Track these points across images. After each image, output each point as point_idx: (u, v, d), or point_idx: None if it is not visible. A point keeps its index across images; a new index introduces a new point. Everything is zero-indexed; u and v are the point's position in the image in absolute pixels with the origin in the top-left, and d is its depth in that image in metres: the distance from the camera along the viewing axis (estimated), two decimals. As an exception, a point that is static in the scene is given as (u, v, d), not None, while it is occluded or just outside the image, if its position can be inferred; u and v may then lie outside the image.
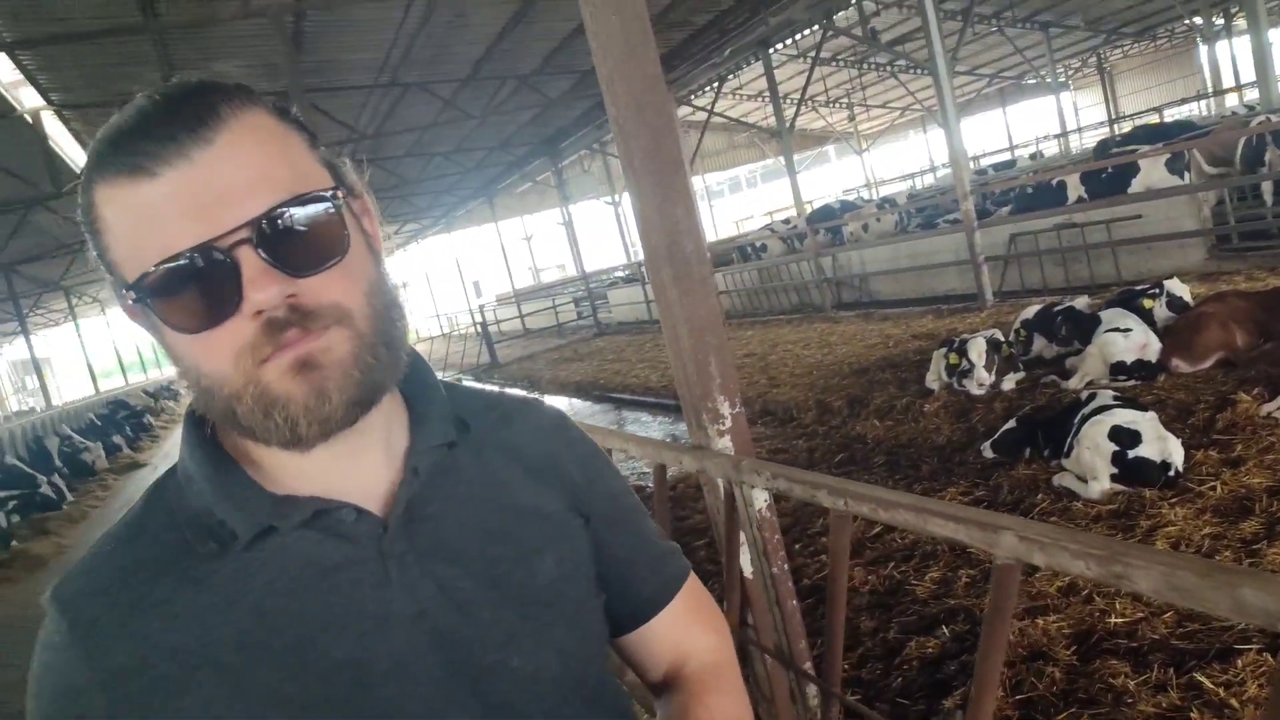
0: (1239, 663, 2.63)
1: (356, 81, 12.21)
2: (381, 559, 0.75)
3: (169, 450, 17.27)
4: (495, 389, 0.94)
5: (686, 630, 0.96)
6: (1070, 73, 32.49)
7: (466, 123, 15.69)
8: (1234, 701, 2.48)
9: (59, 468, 12.86)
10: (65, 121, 12.79)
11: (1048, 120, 29.25)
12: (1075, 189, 10.65)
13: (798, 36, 18.10)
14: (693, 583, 0.99)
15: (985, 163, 23.51)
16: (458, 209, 30.48)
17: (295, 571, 0.73)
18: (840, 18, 17.41)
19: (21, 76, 10.71)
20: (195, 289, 0.66)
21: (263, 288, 0.66)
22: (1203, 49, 23.88)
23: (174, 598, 0.71)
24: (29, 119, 11.60)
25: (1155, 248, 9.24)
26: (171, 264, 0.65)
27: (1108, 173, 10.26)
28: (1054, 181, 11.17)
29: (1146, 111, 24.97)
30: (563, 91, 15.28)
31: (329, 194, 0.71)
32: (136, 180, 0.65)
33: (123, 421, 19.15)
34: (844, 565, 1.54)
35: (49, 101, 11.63)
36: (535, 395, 0.89)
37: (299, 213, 0.68)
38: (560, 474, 0.89)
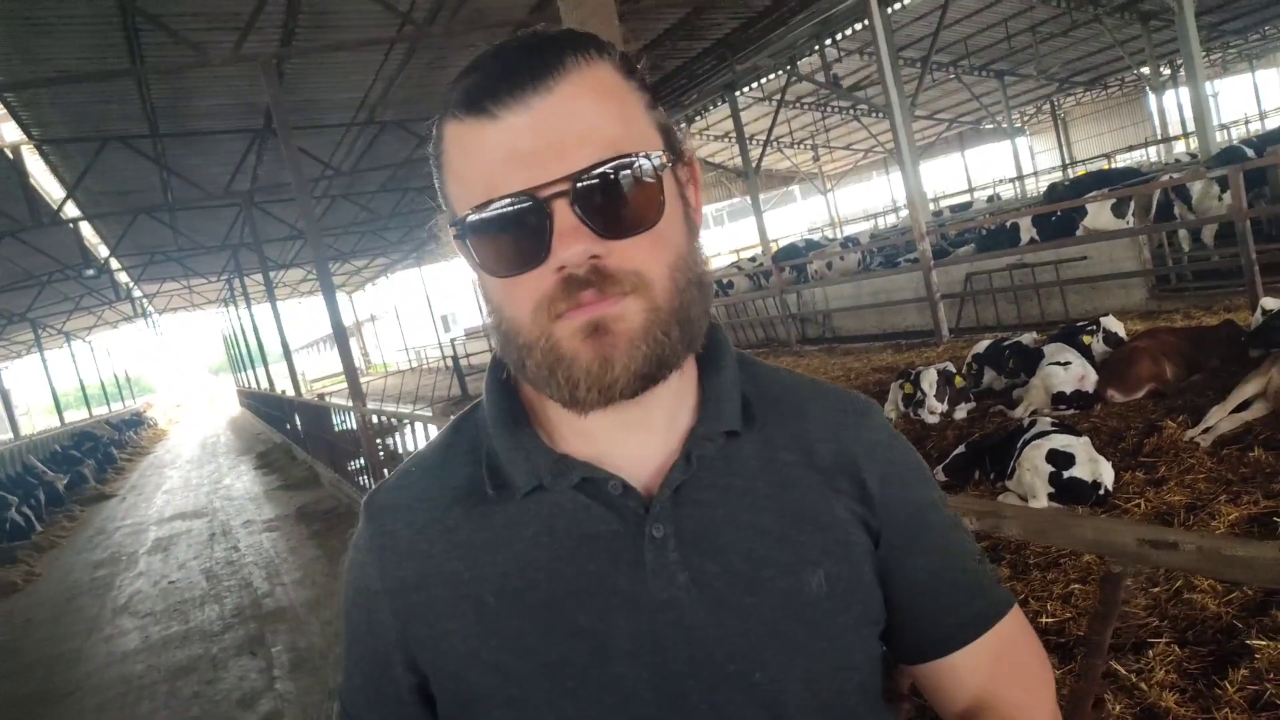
0: (1150, 653, 2.98)
1: (336, 120, 12.54)
2: (640, 538, 0.74)
3: (135, 481, 17.21)
4: (802, 375, 0.90)
5: (989, 678, 0.84)
6: (1026, 118, 33.68)
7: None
8: (1143, 685, 2.82)
9: (35, 495, 12.81)
10: (44, 156, 12.95)
11: (1005, 164, 30.30)
12: (1027, 230, 11.19)
13: (763, 80, 18.74)
14: (1010, 624, 0.86)
15: (945, 204, 24.30)
16: (429, 243, 30.74)
17: (560, 531, 0.74)
18: (804, 63, 18.10)
19: (2, 111, 10.91)
20: (508, 234, 0.67)
21: (569, 244, 0.65)
22: (1151, 97, 24.95)
23: (459, 528, 0.76)
24: (8, 153, 11.77)
25: (1100, 287, 9.77)
26: (491, 206, 0.66)
27: (1057, 216, 10.84)
28: (1008, 223, 11.75)
29: (1099, 156, 25.97)
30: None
31: (654, 158, 0.69)
32: (479, 121, 0.67)
33: (88, 453, 19.04)
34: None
35: (29, 136, 11.80)
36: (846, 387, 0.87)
37: (620, 173, 0.66)
38: (854, 479, 0.81)
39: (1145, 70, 23.25)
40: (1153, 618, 3.24)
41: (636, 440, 0.76)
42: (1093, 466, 4.37)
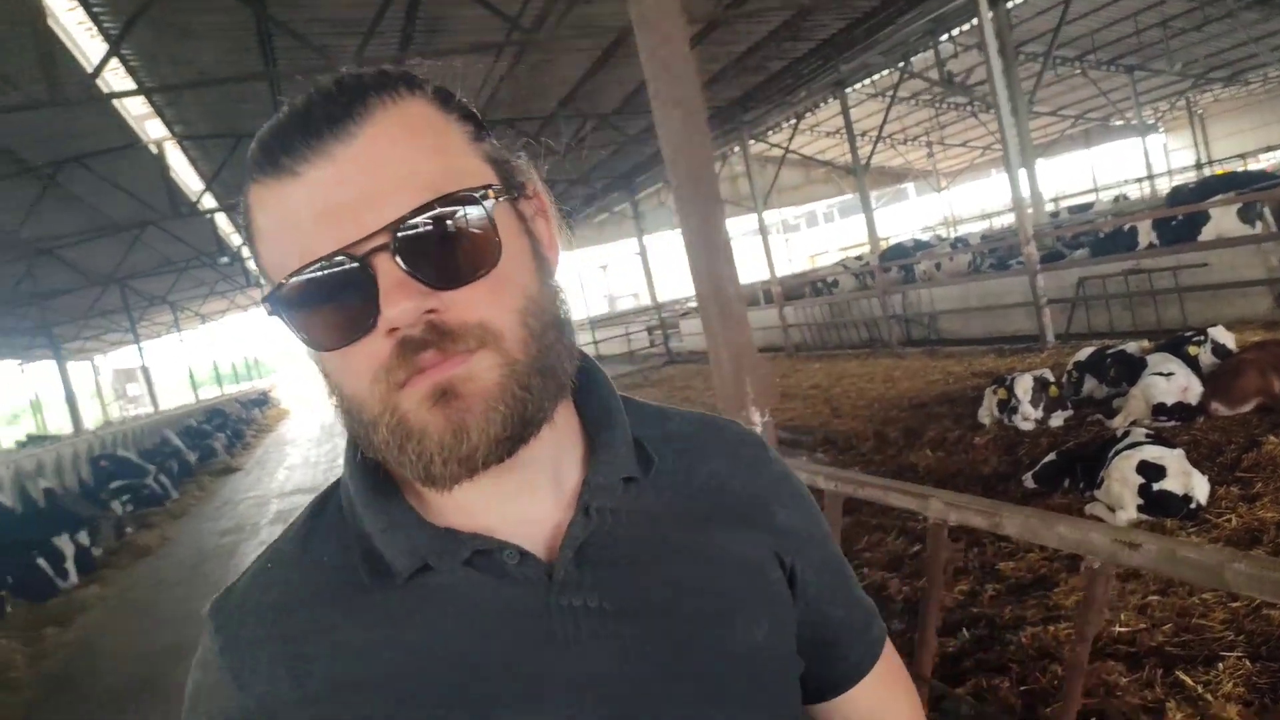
0: (1221, 666, 2.96)
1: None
2: (548, 611, 0.66)
3: (260, 457, 18.30)
4: (678, 409, 0.84)
5: (884, 700, 0.86)
6: (1159, 115, 32.02)
7: (548, 158, 16.50)
8: (1209, 696, 2.81)
9: (167, 464, 13.83)
10: (184, 151, 13.94)
11: (1135, 162, 28.91)
12: (1146, 234, 10.78)
13: (875, 77, 18.48)
14: (889, 645, 0.88)
15: (1066, 204, 23.40)
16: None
17: (454, 613, 0.65)
18: (919, 59, 17.77)
19: (150, 110, 11.81)
20: (329, 301, 0.60)
21: (397, 302, 0.58)
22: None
23: (336, 627, 0.65)
24: (153, 148, 12.70)
25: (1221, 295, 9.34)
26: (304, 273, 0.59)
27: (1178, 220, 10.39)
28: (1126, 227, 11.32)
29: (1234, 157, 24.52)
30: (640, 130, 15.96)
31: (482, 193, 0.62)
32: (281, 180, 0.60)
33: (218, 429, 20.35)
34: (838, 538, 2.00)
35: (172, 133, 12.71)
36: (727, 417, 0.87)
37: (445, 214, 0.59)
38: (765, 515, 0.77)
39: (1290, 65, 21.86)
40: (1228, 632, 3.21)
41: (523, 503, 0.68)
42: (1185, 480, 4.28)
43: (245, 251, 23.64)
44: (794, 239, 40.90)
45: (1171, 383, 5.58)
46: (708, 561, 0.72)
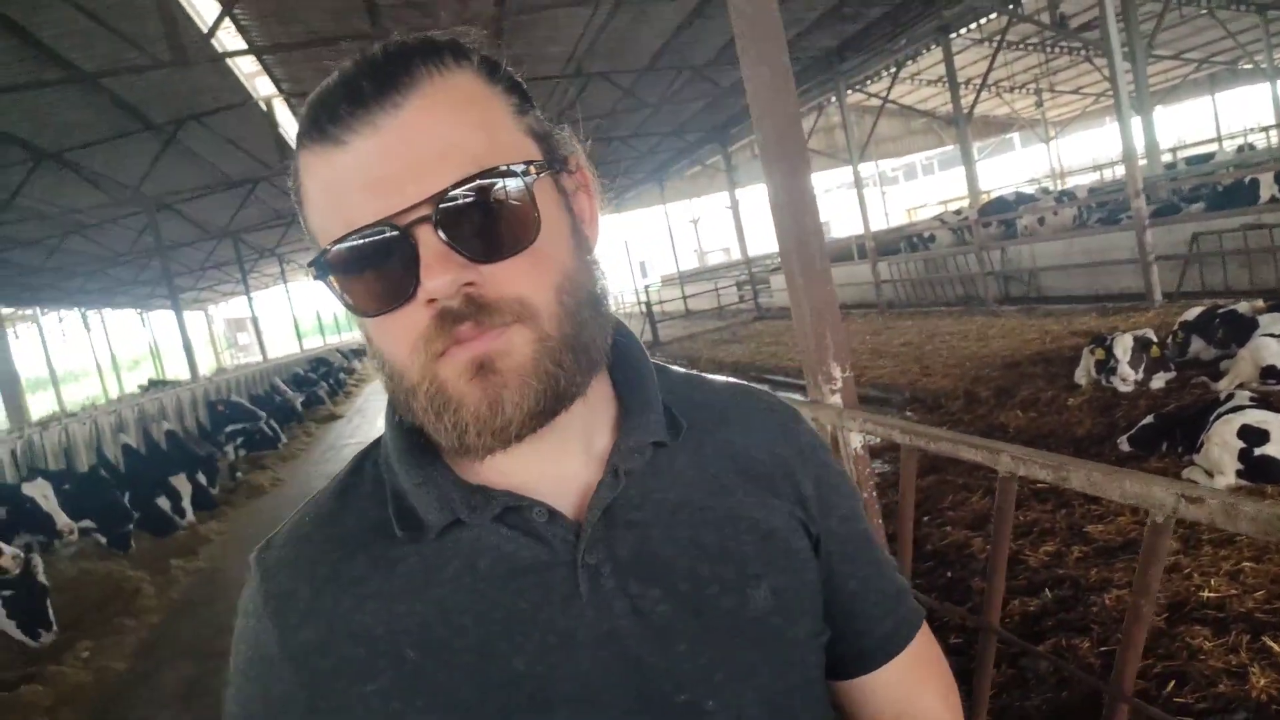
0: (1319, 637, 2.91)
1: (547, 72, 13.17)
2: (573, 568, 0.68)
3: (361, 405, 19.09)
4: (719, 377, 0.86)
5: (913, 690, 0.84)
6: (1293, 57, 29.86)
7: (643, 110, 16.47)
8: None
9: (280, 412, 14.57)
10: (292, 109, 14.43)
11: (1264, 109, 27.11)
12: (1269, 188, 10.21)
13: (982, 21, 17.75)
14: (925, 634, 0.86)
15: (1185, 155, 22.17)
16: (628, 191, 31.52)
17: (484, 569, 0.68)
18: (1029, 1, 16.99)
19: (259, 68, 12.26)
20: (372, 269, 0.62)
21: (437, 274, 0.59)
22: None
23: (367, 579, 0.68)
24: (263, 105, 13.19)
25: (1350, 252, 8.82)
26: (348, 241, 0.61)
27: (1305, 172, 9.81)
28: (1247, 179, 10.73)
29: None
30: (734, 81, 15.75)
31: (525, 169, 0.63)
32: (328, 150, 0.61)
33: (323, 377, 21.27)
34: (912, 491, 2.05)
35: (280, 90, 13.17)
36: (758, 385, 0.90)
37: (486, 187, 0.61)
38: (791, 484, 0.78)
39: None
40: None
41: (554, 464, 0.70)
42: (1290, 445, 4.14)
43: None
44: (891, 192, 39.87)
45: (1284, 345, 5.35)
46: (729, 526, 0.73)
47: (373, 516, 0.70)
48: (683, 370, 0.84)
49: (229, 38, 9.73)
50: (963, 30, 17.60)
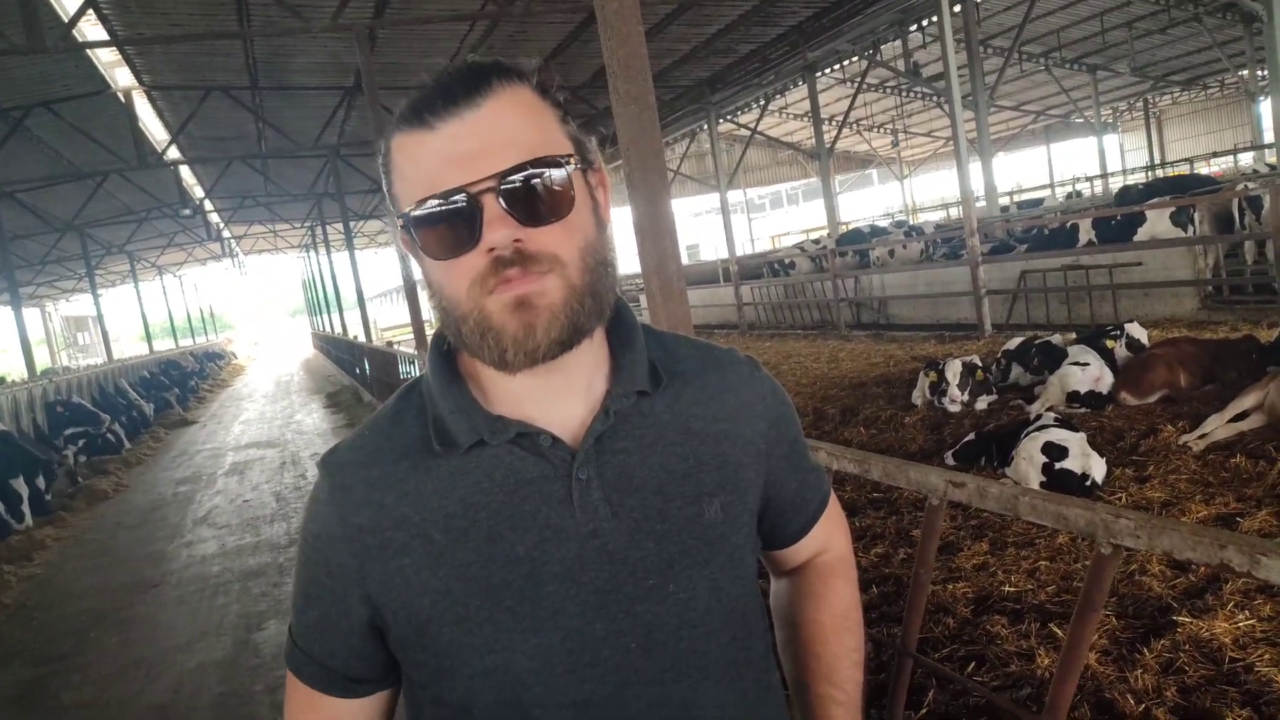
0: (1089, 622, 3.37)
1: (420, 83, 13.11)
2: (568, 480, 0.86)
3: (215, 412, 18.32)
4: (691, 337, 1.07)
5: (829, 536, 1.10)
6: (1118, 114, 32.82)
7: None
8: (1074, 646, 3.22)
9: (125, 416, 13.84)
10: (152, 102, 13.84)
11: (1091, 160, 29.64)
12: (1087, 232, 11.28)
13: (844, 63, 18.79)
14: (832, 494, 1.12)
15: (1018, 199, 24.01)
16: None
17: (499, 477, 0.86)
18: (888, 48, 18.11)
19: (119, 58, 11.74)
20: (446, 223, 0.79)
21: (496, 230, 0.77)
22: (1261, 101, 24.13)
23: (408, 479, 0.87)
24: (121, 97, 12.63)
25: (1152, 294, 9.87)
26: (432, 200, 0.79)
27: (1117, 220, 10.90)
28: (1068, 224, 11.83)
29: (1193, 158, 25.19)
30: (609, 104, 16.13)
31: (565, 160, 0.81)
32: (421, 132, 0.79)
33: (174, 381, 20.27)
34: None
35: (140, 82, 12.63)
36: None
37: (536, 172, 0.79)
38: (750, 423, 0.97)
39: (1244, 73, 22.61)
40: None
41: (560, 402, 0.88)
42: (1084, 460, 4.71)
43: (208, 204, 23.34)
44: (758, 220, 41.27)
45: (1086, 373, 6.03)
46: (693, 457, 0.91)
47: (415, 433, 0.90)
48: (670, 332, 1.04)
49: (89, 26, 9.33)
50: (827, 70, 18.61)
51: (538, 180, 0.79)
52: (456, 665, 0.87)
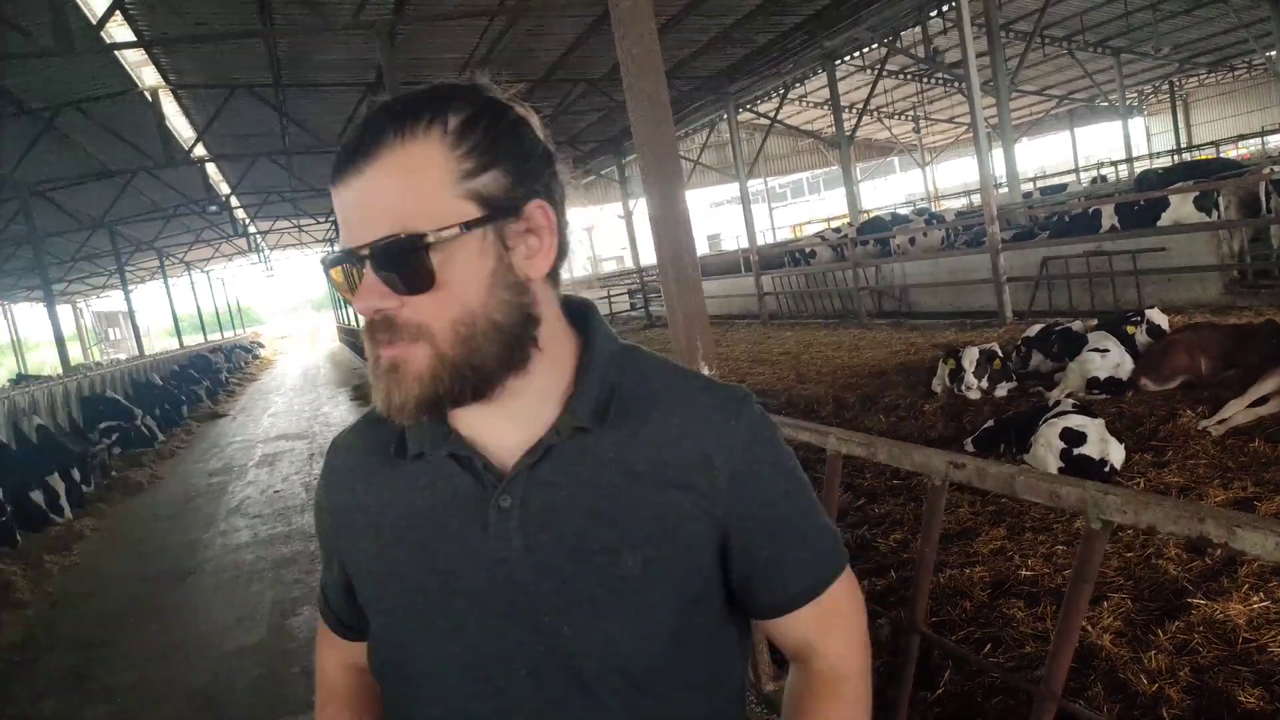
0: (1105, 604, 3.42)
1: (441, 79, 13.21)
2: (487, 505, 0.89)
3: (245, 405, 18.59)
4: (685, 369, 1.02)
5: (817, 630, 1.00)
6: (1143, 97, 32.42)
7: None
8: (1089, 627, 3.27)
9: (158, 409, 14.10)
10: (178, 100, 14.05)
11: (1116, 144, 29.32)
12: (1109, 218, 11.22)
13: (864, 51, 18.73)
14: (841, 584, 1.00)
15: (1044, 184, 23.81)
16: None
17: (440, 489, 0.91)
18: (908, 34, 18.02)
19: (145, 58, 11.94)
20: (344, 277, 0.85)
21: (363, 297, 0.82)
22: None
23: (375, 473, 0.96)
24: (148, 96, 12.83)
25: (1176, 279, 9.80)
26: (332, 254, 0.86)
27: (1140, 205, 10.84)
28: (1090, 210, 11.76)
29: (1220, 141, 24.90)
30: (630, 96, 16.20)
31: (429, 237, 0.80)
32: (337, 186, 0.83)
33: (203, 375, 20.58)
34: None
35: (166, 81, 12.83)
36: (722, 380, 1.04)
37: (399, 245, 0.80)
38: (704, 477, 0.91)
39: (1273, 54, 22.28)
40: (1119, 576, 3.67)
41: (502, 427, 0.90)
42: (1102, 446, 4.74)
43: (234, 201, 23.62)
44: (779, 208, 41.15)
45: (1106, 359, 6.04)
46: (625, 503, 0.88)
47: (385, 438, 0.97)
48: (655, 357, 1.00)
49: (116, 27, 9.51)
50: (846, 58, 18.57)
51: (403, 252, 0.80)
52: (380, 647, 0.96)
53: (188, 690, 4.27)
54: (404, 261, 0.80)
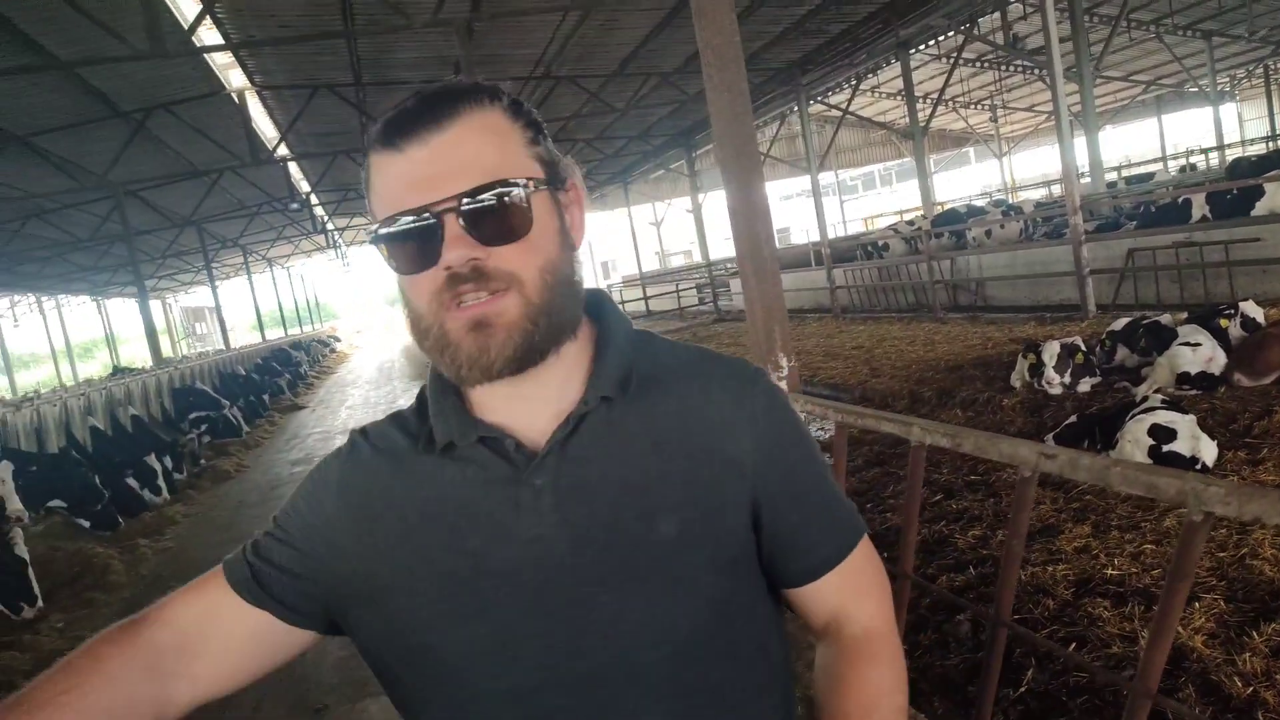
0: (1197, 605, 3.31)
1: (516, 74, 13.43)
2: (520, 485, 0.89)
3: (323, 398, 19.13)
4: (701, 347, 1.04)
5: (848, 594, 1.01)
6: (1235, 82, 31.02)
7: (609, 114, 16.78)
8: (1180, 629, 3.18)
9: (244, 400, 14.62)
10: (262, 101, 14.50)
11: (1207, 131, 28.16)
12: (1200, 208, 10.79)
13: (940, 39, 18.31)
14: (862, 548, 1.02)
15: (1126, 173, 23.01)
16: (593, 193, 31.76)
17: (470, 475, 0.91)
18: (985, 21, 17.57)
19: (232, 60, 12.35)
20: (410, 240, 0.84)
21: (453, 249, 0.82)
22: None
23: (404, 461, 0.95)
24: (235, 97, 13.27)
25: (1271, 271, 9.38)
26: (397, 218, 0.83)
27: (1233, 194, 10.40)
28: (1179, 199, 11.32)
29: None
30: (700, 89, 16.07)
31: (524, 183, 0.84)
32: (391, 155, 0.84)
33: (285, 368, 21.23)
34: (843, 459, 2.40)
35: (252, 83, 13.25)
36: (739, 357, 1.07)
37: (495, 193, 0.82)
38: (730, 442, 0.94)
39: (1377, 34, 21.12)
40: (1212, 577, 3.55)
41: (531, 409, 0.92)
42: (1193, 443, 4.58)
43: (314, 198, 24.28)
44: (850, 201, 40.58)
45: (1197, 353, 5.83)
46: (656, 471, 0.90)
47: (414, 426, 0.98)
48: (667, 340, 1.03)
49: (205, 30, 9.86)
50: (921, 47, 18.18)
51: (496, 201, 0.82)
52: (401, 633, 0.92)
53: (275, 668, 4.42)
54: (503, 207, 0.83)
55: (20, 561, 5.82)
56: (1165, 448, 4.60)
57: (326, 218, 28.24)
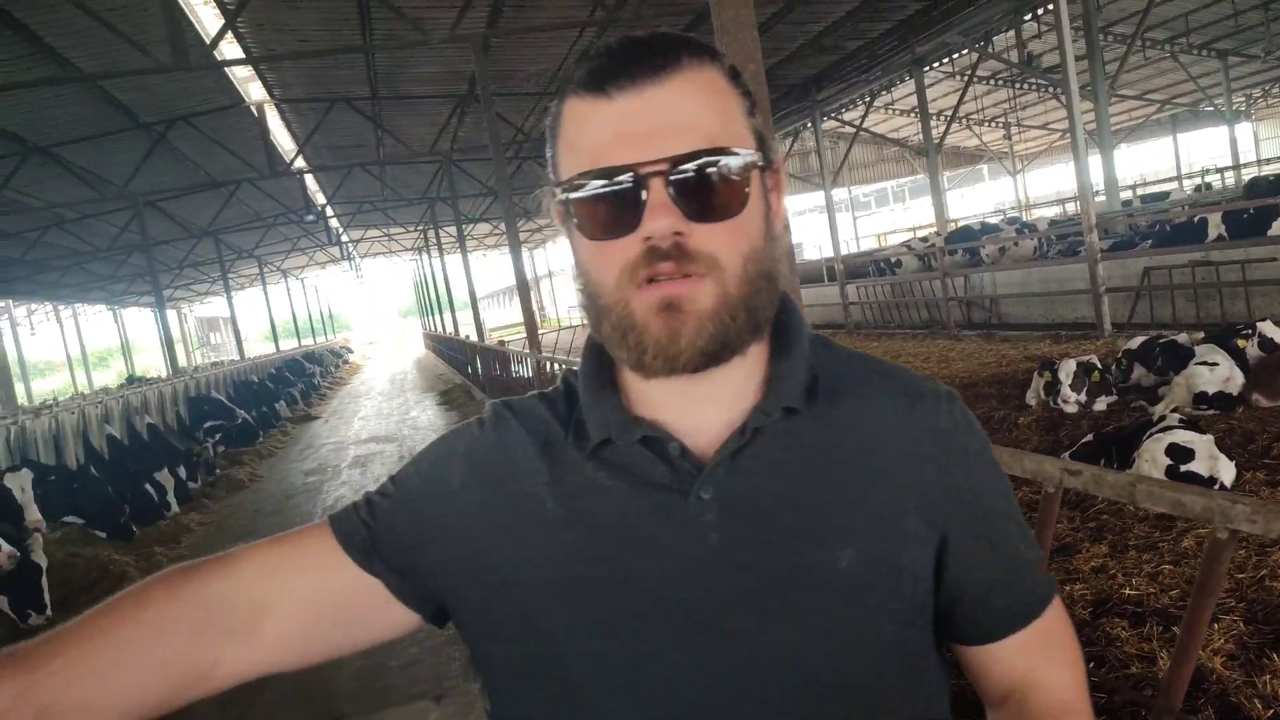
0: (1216, 626, 3.29)
1: (529, 89, 13.53)
2: (686, 494, 0.79)
3: (336, 408, 19.18)
4: (883, 359, 0.92)
5: (1037, 660, 0.89)
6: (1251, 101, 30.96)
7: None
8: (1200, 650, 3.15)
9: (257, 409, 14.71)
10: (280, 113, 14.65)
11: (1221, 151, 28.09)
12: (1216, 227, 10.75)
13: (954, 56, 18.36)
14: (1055, 607, 0.91)
15: (1145, 192, 22.95)
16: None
17: (623, 475, 0.81)
18: (1001, 39, 17.60)
19: (251, 73, 12.50)
20: (606, 202, 0.73)
21: (657, 218, 0.71)
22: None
23: (548, 449, 0.85)
24: (254, 110, 13.42)
25: (1288, 291, 9.36)
26: (596, 174, 0.73)
27: (1249, 213, 10.36)
28: (1195, 218, 11.29)
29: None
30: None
31: (745, 156, 0.74)
32: (597, 100, 0.73)
33: (299, 378, 21.34)
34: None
35: (271, 96, 13.39)
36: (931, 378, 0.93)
37: (712, 164, 0.72)
38: (914, 471, 0.83)
39: (1395, 55, 21.06)
40: (1231, 598, 3.52)
41: (701, 411, 0.81)
42: (1211, 463, 4.55)
43: (329, 210, 24.45)
44: (863, 217, 40.57)
45: (1215, 373, 5.80)
46: (834, 494, 0.80)
47: (562, 415, 0.88)
48: (846, 349, 0.91)
49: (226, 45, 9.98)
50: (935, 64, 18.23)
51: (713, 171, 0.73)
52: (518, 631, 0.82)
53: (293, 676, 4.43)
54: (722, 180, 0.74)
55: (36, 569, 5.86)
56: (1183, 468, 4.57)
57: (341, 230, 28.46)
